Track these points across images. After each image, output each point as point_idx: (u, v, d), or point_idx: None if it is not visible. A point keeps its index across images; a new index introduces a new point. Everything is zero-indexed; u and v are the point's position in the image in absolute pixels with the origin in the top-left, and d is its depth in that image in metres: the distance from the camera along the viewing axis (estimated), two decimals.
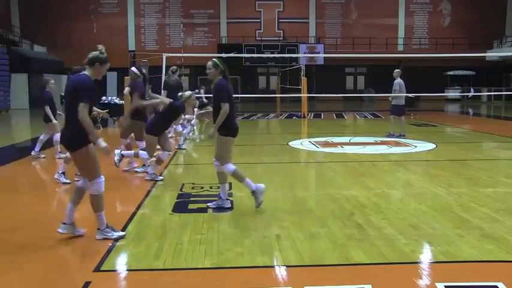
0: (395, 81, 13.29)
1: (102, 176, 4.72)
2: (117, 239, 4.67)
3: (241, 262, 4.13)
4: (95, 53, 4.66)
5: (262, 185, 5.80)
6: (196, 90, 16.71)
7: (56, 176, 7.41)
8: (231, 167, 5.79)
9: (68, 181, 7.40)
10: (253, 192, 5.74)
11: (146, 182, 7.41)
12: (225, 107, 5.57)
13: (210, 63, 5.75)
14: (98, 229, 4.74)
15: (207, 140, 13.51)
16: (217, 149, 5.84)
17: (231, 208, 5.86)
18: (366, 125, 19.06)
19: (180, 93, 8.30)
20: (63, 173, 7.38)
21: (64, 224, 4.77)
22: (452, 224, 5.13)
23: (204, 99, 15.75)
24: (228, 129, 5.71)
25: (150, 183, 7.35)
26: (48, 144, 9.94)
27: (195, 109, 18.20)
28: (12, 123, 21.26)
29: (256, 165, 9.30)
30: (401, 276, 3.90)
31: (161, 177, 7.63)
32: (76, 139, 4.54)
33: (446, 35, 35.92)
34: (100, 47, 4.79)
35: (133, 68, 8.53)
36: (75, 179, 7.65)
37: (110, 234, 4.70)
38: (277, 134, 15.36)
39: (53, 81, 9.76)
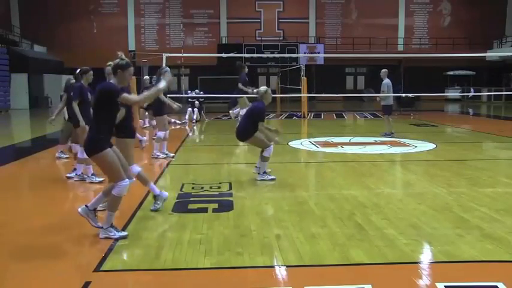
0: (384, 81, 13.54)
1: (127, 180, 4.76)
2: (118, 239, 4.67)
3: (241, 262, 4.13)
4: (115, 61, 4.78)
5: (166, 193, 5.87)
6: (196, 90, 16.74)
7: (87, 181, 7.40)
8: (136, 168, 5.78)
9: (101, 179, 7.43)
10: (156, 197, 5.80)
11: None
12: (122, 111, 5.60)
13: (109, 68, 5.76)
14: (101, 227, 4.76)
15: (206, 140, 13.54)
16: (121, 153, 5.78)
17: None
18: (366, 125, 19.07)
19: (255, 90, 7.71)
20: (93, 174, 7.41)
21: (86, 206, 4.87)
22: (452, 224, 5.13)
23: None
24: (129, 131, 5.78)
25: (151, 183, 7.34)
26: (53, 143, 9.89)
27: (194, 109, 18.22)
28: (12, 123, 21.25)
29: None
30: (401, 276, 3.90)
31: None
32: (91, 146, 4.68)
33: (446, 35, 35.93)
34: (120, 53, 4.87)
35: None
36: (69, 175, 7.69)
37: (112, 234, 4.72)
38: None
39: (74, 81, 9.79)
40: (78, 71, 7.69)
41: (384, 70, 13.72)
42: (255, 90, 7.62)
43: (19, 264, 4.18)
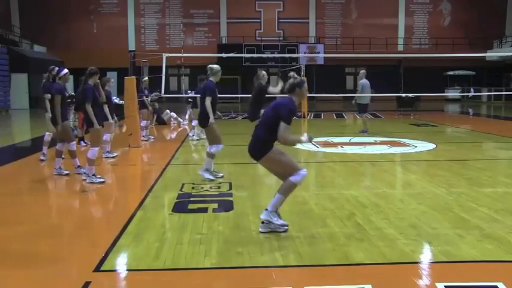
0: (360, 81, 13.99)
1: (304, 170, 4.90)
2: (281, 225, 4.83)
3: (241, 262, 4.13)
4: (289, 81, 4.97)
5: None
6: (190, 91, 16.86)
7: (88, 181, 7.35)
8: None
9: (66, 172, 7.75)
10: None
11: (147, 182, 7.41)
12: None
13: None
14: (266, 209, 4.89)
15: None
16: None
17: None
18: None
19: (209, 66, 7.71)
20: (94, 174, 7.38)
21: (266, 210, 4.93)
22: (452, 224, 5.13)
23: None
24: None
25: (151, 183, 7.35)
26: (53, 143, 9.83)
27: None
28: (12, 123, 21.25)
29: (257, 165, 9.26)
30: (401, 276, 3.90)
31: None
32: (261, 150, 4.88)
33: (446, 35, 35.91)
34: (291, 73, 5.06)
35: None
36: (76, 171, 7.76)
37: (275, 219, 4.84)
38: None
39: (113, 79, 10.02)
40: (51, 69, 7.77)
41: (362, 71, 14.23)
42: (209, 66, 7.68)
43: (19, 264, 4.18)
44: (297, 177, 4.81)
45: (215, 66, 7.59)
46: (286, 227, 4.88)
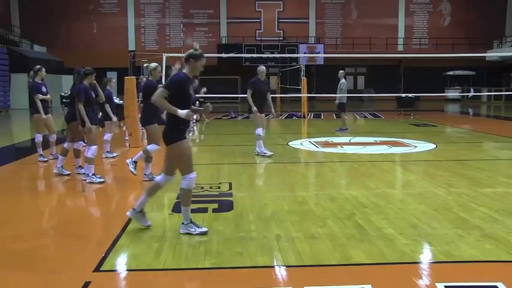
0: (341, 81, 14.38)
1: (194, 173, 4.84)
2: (198, 235, 4.76)
3: (241, 262, 4.13)
4: (189, 51, 4.91)
5: None
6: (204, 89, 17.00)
7: (87, 180, 7.35)
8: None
9: (68, 172, 7.84)
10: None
11: (146, 182, 7.39)
12: None
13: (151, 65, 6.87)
14: (182, 223, 4.86)
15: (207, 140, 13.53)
16: None
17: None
18: (366, 125, 19.05)
19: (146, 65, 7.66)
20: (94, 174, 7.41)
21: (133, 209, 5.00)
22: (452, 224, 5.13)
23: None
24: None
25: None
26: (45, 145, 9.82)
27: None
28: (12, 123, 21.25)
29: (256, 165, 9.30)
30: (401, 276, 3.90)
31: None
32: (170, 134, 4.73)
33: (446, 35, 35.93)
34: (195, 44, 5.02)
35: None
36: (76, 171, 7.76)
37: (193, 230, 4.80)
38: (277, 134, 15.34)
39: (114, 80, 10.03)
40: (77, 71, 7.72)
41: (341, 71, 14.61)
42: (145, 65, 7.67)
43: (19, 265, 4.18)
44: (185, 182, 4.78)
45: (151, 64, 7.51)
46: (148, 224, 4.99)
